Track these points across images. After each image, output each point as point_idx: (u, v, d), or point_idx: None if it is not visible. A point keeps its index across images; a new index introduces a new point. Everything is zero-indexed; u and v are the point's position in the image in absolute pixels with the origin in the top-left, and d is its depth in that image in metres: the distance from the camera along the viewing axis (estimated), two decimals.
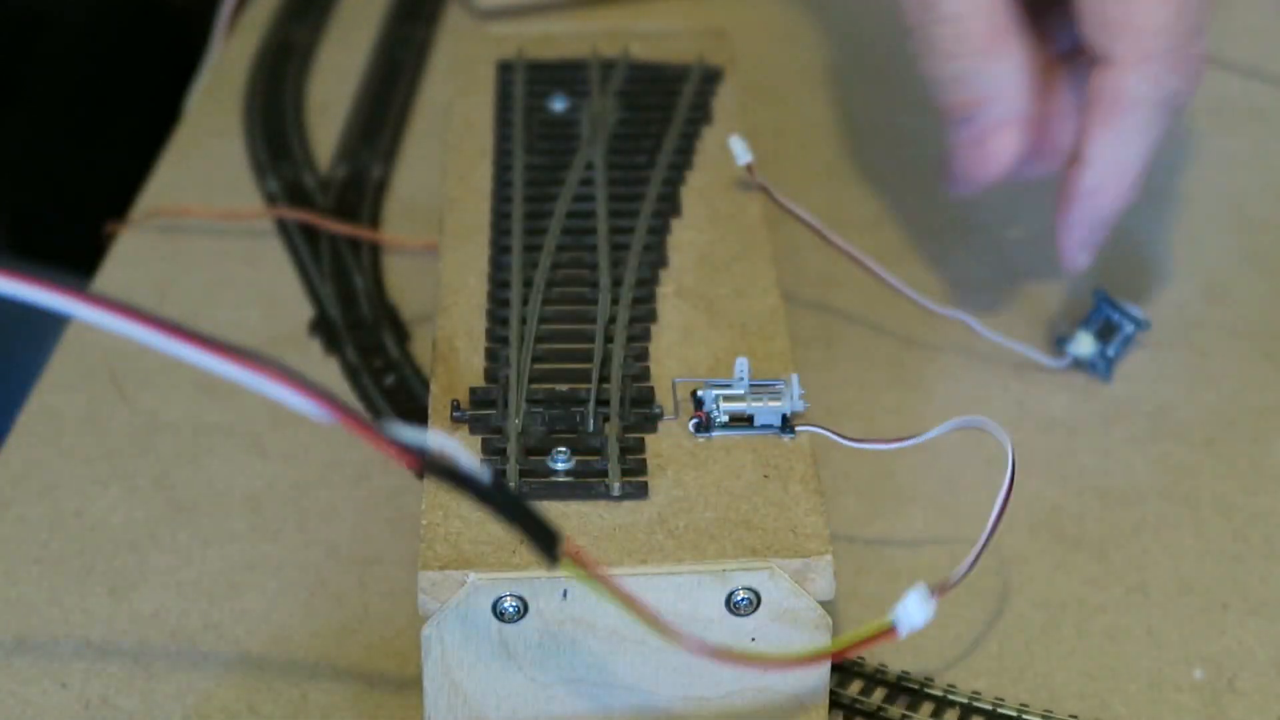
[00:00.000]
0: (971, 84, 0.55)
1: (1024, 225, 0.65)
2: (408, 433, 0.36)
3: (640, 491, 0.45)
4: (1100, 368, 0.59)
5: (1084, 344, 0.59)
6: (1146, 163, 0.55)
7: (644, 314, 0.51)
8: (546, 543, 0.38)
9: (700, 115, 0.59)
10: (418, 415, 0.57)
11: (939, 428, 0.48)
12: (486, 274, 0.52)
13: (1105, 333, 0.59)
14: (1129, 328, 0.58)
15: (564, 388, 0.48)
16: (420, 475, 0.36)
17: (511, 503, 0.38)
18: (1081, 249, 0.56)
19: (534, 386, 0.48)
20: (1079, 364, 0.59)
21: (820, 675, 0.44)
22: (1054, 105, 0.57)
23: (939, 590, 0.42)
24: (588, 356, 0.49)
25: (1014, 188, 0.68)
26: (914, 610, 0.42)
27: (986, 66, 0.55)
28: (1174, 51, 0.52)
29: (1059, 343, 0.59)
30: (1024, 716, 0.47)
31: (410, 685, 0.47)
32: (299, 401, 0.35)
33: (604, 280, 0.51)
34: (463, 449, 0.37)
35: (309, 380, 0.34)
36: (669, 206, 0.55)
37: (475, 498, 0.37)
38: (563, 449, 0.45)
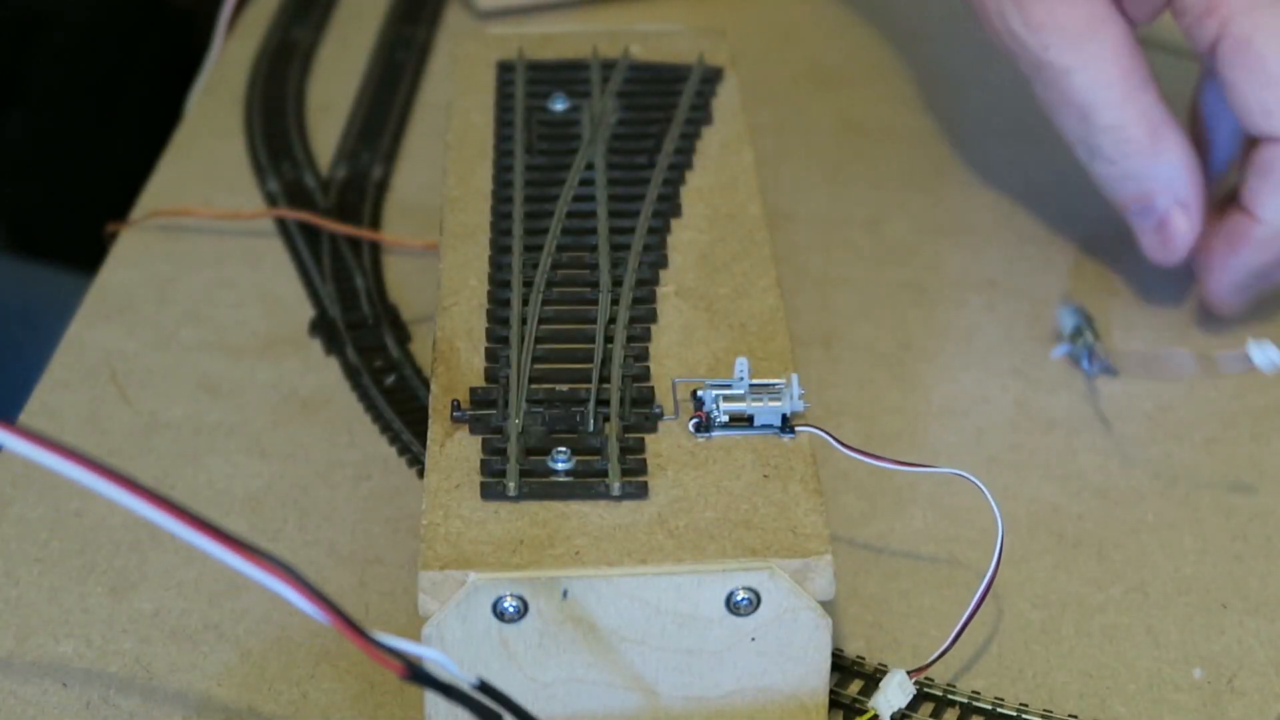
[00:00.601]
0: (1140, 182, 0.59)
1: (1024, 225, 0.65)
2: (397, 641, 0.38)
3: (640, 491, 0.45)
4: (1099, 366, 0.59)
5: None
6: None
7: (644, 314, 0.51)
8: None
9: (700, 115, 0.59)
10: (418, 415, 0.57)
11: (935, 468, 0.50)
12: (486, 274, 0.52)
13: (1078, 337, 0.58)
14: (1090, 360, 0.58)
15: (564, 388, 0.48)
16: (407, 681, 0.38)
17: (497, 710, 0.39)
18: (1236, 292, 0.59)
19: (534, 386, 0.48)
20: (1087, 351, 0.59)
21: (820, 675, 0.44)
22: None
23: (916, 671, 0.46)
24: (588, 356, 0.49)
25: (1014, 188, 0.68)
26: (894, 696, 0.46)
27: (1151, 165, 0.58)
28: None
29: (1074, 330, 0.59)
30: (1023, 716, 0.47)
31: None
32: (301, 602, 0.38)
33: (604, 280, 0.51)
34: (449, 660, 0.39)
35: (312, 584, 0.38)
36: (669, 206, 0.55)
37: (463, 706, 0.39)
38: (563, 449, 0.45)
